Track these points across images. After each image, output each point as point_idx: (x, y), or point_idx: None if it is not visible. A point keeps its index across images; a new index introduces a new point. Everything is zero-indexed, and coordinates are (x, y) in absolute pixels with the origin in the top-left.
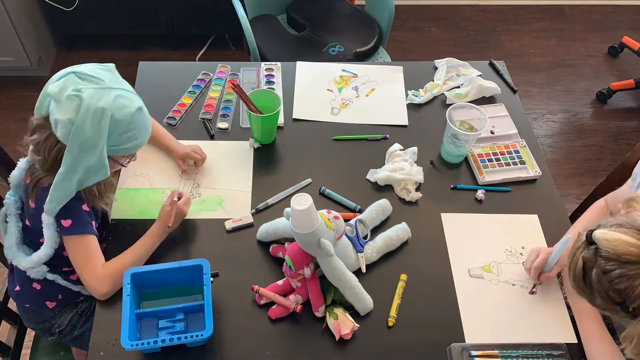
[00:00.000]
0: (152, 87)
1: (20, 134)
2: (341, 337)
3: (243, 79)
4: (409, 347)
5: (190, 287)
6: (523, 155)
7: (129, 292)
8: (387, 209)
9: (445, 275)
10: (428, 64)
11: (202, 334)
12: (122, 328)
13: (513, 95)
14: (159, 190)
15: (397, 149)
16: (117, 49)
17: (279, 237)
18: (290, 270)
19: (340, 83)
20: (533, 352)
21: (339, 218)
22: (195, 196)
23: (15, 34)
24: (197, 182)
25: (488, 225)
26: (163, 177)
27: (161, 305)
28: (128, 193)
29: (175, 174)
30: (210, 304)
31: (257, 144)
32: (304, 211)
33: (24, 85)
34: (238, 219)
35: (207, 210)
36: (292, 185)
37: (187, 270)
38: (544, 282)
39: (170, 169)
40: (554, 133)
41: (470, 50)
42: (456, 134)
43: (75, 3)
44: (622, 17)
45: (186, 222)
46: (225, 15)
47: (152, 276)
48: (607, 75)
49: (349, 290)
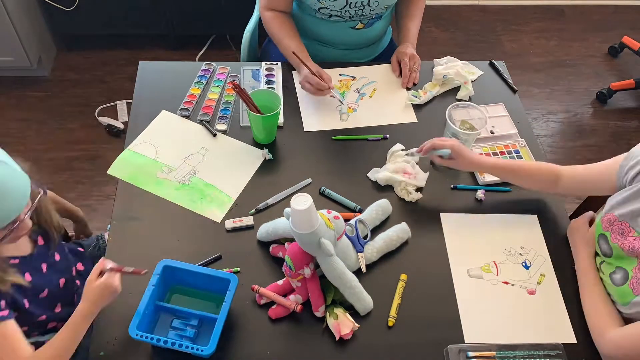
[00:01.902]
0: (152, 87)
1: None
2: (341, 337)
3: (243, 79)
4: (409, 347)
5: (218, 295)
6: (523, 155)
7: (154, 283)
8: (387, 209)
9: (444, 275)
10: (428, 64)
11: (203, 350)
12: (134, 315)
13: (513, 95)
14: (159, 164)
15: (398, 149)
16: (117, 49)
17: (279, 237)
18: (290, 270)
19: (341, 87)
20: (530, 353)
21: (339, 218)
22: (185, 181)
23: (15, 34)
24: (195, 169)
25: (487, 225)
26: (171, 152)
27: (188, 302)
28: (131, 156)
29: (183, 155)
30: (223, 322)
31: (269, 155)
32: (304, 211)
33: (24, 85)
34: (239, 219)
35: (183, 198)
36: (292, 186)
37: (215, 279)
38: (425, 156)
39: (181, 149)
40: (554, 133)
41: (470, 50)
42: (456, 133)
43: (75, 3)
44: (622, 17)
45: (185, 220)
46: (226, 15)
47: (183, 274)
48: (607, 75)
49: (349, 290)
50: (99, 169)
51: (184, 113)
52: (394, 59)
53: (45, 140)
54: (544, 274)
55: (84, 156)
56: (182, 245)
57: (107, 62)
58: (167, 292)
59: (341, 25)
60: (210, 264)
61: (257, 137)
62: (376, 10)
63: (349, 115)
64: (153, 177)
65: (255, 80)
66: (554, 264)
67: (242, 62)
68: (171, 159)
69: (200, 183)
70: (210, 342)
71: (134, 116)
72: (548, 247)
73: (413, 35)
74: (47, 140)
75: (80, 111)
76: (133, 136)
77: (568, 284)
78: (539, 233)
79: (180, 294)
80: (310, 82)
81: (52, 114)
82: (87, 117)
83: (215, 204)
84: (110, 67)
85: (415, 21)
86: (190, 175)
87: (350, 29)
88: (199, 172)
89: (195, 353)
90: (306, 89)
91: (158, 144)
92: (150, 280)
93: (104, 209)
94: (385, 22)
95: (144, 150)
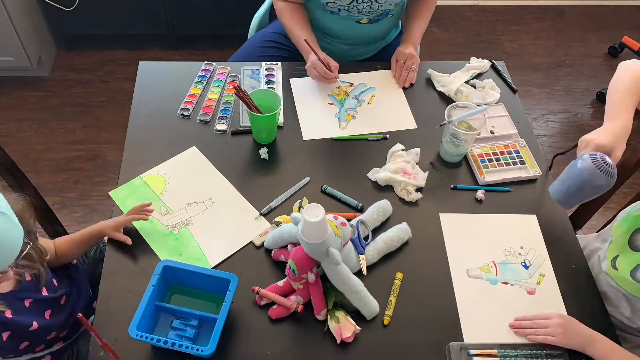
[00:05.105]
0: (152, 87)
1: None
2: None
3: (243, 79)
4: (409, 346)
5: (218, 295)
6: (523, 155)
7: (154, 283)
8: (387, 210)
9: (444, 275)
10: (428, 64)
11: (203, 350)
12: (134, 316)
13: (513, 95)
14: (159, 204)
15: (398, 149)
16: (117, 49)
17: (285, 243)
18: (293, 274)
19: (340, 95)
20: (532, 352)
21: (346, 224)
22: (174, 230)
23: (15, 34)
24: (191, 220)
25: (487, 225)
26: (177, 193)
27: (188, 303)
28: (139, 186)
29: (187, 200)
30: (223, 322)
31: (265, 155)
32: (316, 223)
33: (24, 85)
34: (264, 232)
35: (163, 248)
36: (293, 186)
37: (215, 279)
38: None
39: (188, 193)
40: (554, 133)
41: (470, 50)
42: (456, 133)
43: (75, 3)
44: (622, 17)
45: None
46: (226, 15)
47: (184, 274)
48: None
49: (354, 295)
50: (99, 169)
51: (184, 113)
52: (393, 58)
53: (45, 140)
54: (543, 274)
55: (84, 156)
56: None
57: (107, 62)
58: (167, 293)
59: (346, 19)
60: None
61: (257, 137)
62: (385, 7)
63: (348, 122)
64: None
65: (255, 80)
66: (553, 264)
67: (242, 62)
68: (174, 200)
69: (187, 237)
70: (210, 342)
71: (134, 116)
72: (547, 247)
73: (415, 36)
74: (47, 140)
75: (80, 111)
76: (133, 135)
77: (567, 284)
78: (539, 233)
79: (180, 294)
80: (317, 69)
81: (52, 114)
82: (87, 117)
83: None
84: (110, 67)
85: (421, 22)
86: (183, 225)
87: (355, 24)
88: (193, 224)
89: (195, 353)
90: (313, 75)
91: (170, 180)
92: (150, 281)
93: (104, 209)
94: (392, 20)
95: (154, 184)
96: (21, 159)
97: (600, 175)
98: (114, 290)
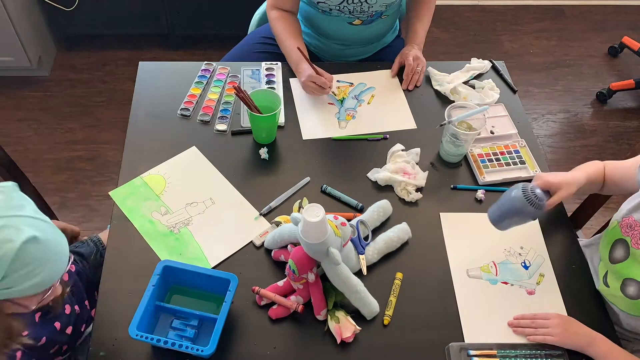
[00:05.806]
0: (152, 87)
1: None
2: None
3: (243, 79)
4: (409, 346)
5: (218, 295)
6: (523, 155)
7: (154, 283)
8: (387, 210)
9: (444, 275)
10: (427, 64)
11: (203, 350)
12: (134, 316)
13: (513, 95)
14: (159, 204)
15: (398, 149)
16: (117, 49)
17: (285, 243)
18: (293, 274)
19: (339, 94)
20: (532, 352)
21: (346, 224)
22: (174, 229)
23: (15, 34)
24: (191, 219)
25: (487, 225)
26: (178, 193)
27: (188, 303)
28: (139, 186)
29: (188, 200)
30: (223, 322)
31: (265, 155)
32: (316, 223)
33: (24, 85)
34: (264, 232)
35: (163, 248)
36: (293, 186)
37: (215, 279)
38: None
39: (189, 193)
40: (554, 133)
41: (470, 50)
42: (456, 133)
43: (75, 3)
44: (622, 17)
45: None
46: (226, 15)
47: (184, 274)
48: (607, 75)
49: (354, 295)
50: (99, 169)
51: (184, 113)
52: (397, 60)
53: (45, 140)
54: (543, 274)
55: (83, 156)
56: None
57: (107, 62)
58: (167, 292)
59: (339, 20)
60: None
61: (257, 137)
62: (375, 8)
63: (347, 122)
64: (147, 216)
65: (255, 80)
66: (553, 264)
67: (242, 62)
68: (174, 200)
69: (187, 237)
70: (210, 342)
71: (134, 116)
72: (547, 247)
73: (420, 37)
74: (47, 140)
75: (80, 111)
76: (133, 135)
77: (567, 284)
78: (539, 233)
79: (180, 294)
80: (315, 81)
81: (52, 114)
82: (87, 117)
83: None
84: (110, 67)
85: (423, 22)
86: (183, 225)
87: (348, 25)
88: (193, 224)
89: (195, 353)
90: (310, 89)
91: (170, 180)
92: (150, 281)
93: (104, 209)
94: (387, 22)
95: (154, 184)
96: (21, 159)
97: (527, 205)
98: (114, 291)
